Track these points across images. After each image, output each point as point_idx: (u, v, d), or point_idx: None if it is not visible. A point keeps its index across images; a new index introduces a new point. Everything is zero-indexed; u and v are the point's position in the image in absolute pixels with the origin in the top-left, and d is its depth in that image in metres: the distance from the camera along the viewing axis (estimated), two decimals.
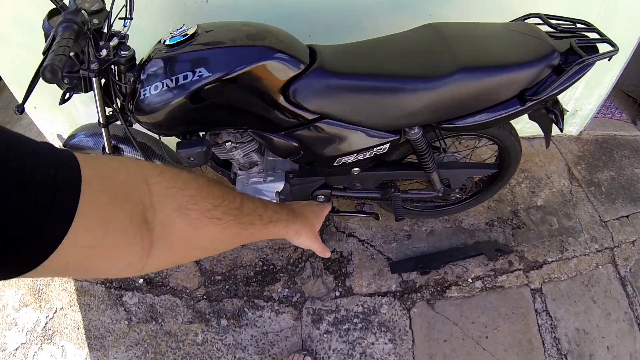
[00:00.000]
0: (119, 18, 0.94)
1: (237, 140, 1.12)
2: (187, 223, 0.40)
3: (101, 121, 1.02)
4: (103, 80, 0.96)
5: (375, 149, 1.12)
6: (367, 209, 1.37)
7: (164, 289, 1.51)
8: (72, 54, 0.88)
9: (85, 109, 1.71)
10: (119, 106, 1.02)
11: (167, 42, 0.93)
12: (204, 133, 1.08)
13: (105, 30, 0.90)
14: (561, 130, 1.21)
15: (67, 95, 0.98)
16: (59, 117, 1.79)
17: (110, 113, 1.04)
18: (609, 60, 1.08)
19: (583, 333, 1.62)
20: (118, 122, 1.05)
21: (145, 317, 1.51)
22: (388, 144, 1.11)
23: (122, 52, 0.91)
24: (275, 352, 1.32)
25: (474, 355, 1.40)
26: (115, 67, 0.96)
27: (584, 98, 2.26)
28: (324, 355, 1.31)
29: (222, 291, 1.46)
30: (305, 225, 0.60)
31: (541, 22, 1.18)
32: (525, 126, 2.08)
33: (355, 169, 1.20)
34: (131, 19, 0.95)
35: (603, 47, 1.08)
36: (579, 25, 1.16)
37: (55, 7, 0.88)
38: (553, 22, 1.18)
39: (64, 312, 1.54)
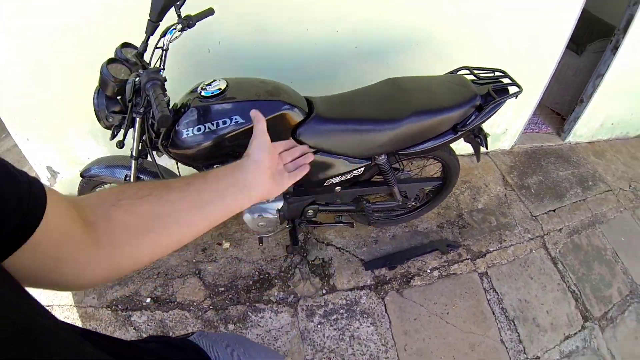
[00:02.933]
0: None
1: None
2: (123, 212, 0.47)
3: (134, 154, 1.30)
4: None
5: (354, 172, 1.59)
6: (343, 220, 1.89)
7: (171, 304, 1.76)
8: (119, 97, 1.19)
9: (83, 142, 1.89)
10: (149, 141, 1.29)
11: (204, 94, 1.23)
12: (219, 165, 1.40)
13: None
14: (486, 148, 1.74)
15: (117, 132, 1.25)
16: (51, 150, 1.93)
17: (141, 147, 1.29)
18: (515, 98, 1.62)
19: (525, 302, 2.14)
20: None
21: (156, 332, 1.73)
22: (363, 168, 1.59)
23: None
24: (279, 345, 1.71)
25: (439, 327, 1.87)
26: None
27: (513, 119, 2.89)
28: (320, 342, 1.71)
29: (226, 300, 1.78)
30: (257, 174, 0.59)
31: (468, 72, 1.74)
32: (468, 146, 2.75)
33: (337, 188, 1.64)
34: (164, 69, 1.21)
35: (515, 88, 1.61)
36: (497, 73, 1.70)
37: (113, 57, 1.17)
38: (477, 72, 1.71)
39: None
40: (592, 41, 3.63)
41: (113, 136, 1.27)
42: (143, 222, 0.48)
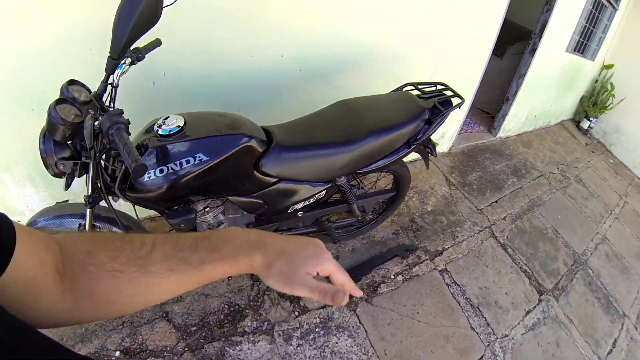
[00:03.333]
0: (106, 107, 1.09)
1: (211, 206, 1.48)
2: (88, 278, 0.43)
3: (89, 201, 1.18)
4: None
5: (316, 196, 1.64)
6: None
7: (144, 354, 1.68)
8: (69, 142, 1.07)
9: (20, 190, 1.71)
10: (104, 186, 1.17)
11: (161, 133, 1.16)
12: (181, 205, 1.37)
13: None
14: (435, 156, 1.91)
15: (70, 180, 1.16)
16: None
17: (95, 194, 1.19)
18: (459, 108, 1.79)
19: (485, 289, 2.32)
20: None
21: None
22: (325, 191, 1.65)
23: None
24: None
25: (413, 327, 1.98)
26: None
27: (449, 123, 3.17)
28: None
29: (200, 339, 1.73)
30: (277, 265, 0.49)
31: (413, 88, 1.89)
32: (412, 154, 2.91)
33: (299, 212, 1.70)
34: (114, 107, 1.12)
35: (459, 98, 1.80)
36: (439, 87, 1.86)
37: (63, 97, 1.04)
38: (421, 87, 1.86)
39: None
40: (512, 44, 4.14)
41: (68, 186, 1.19)
42: (107, 293, 0.45)
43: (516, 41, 4.10)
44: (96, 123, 1.07)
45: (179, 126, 1.18)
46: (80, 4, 1.37)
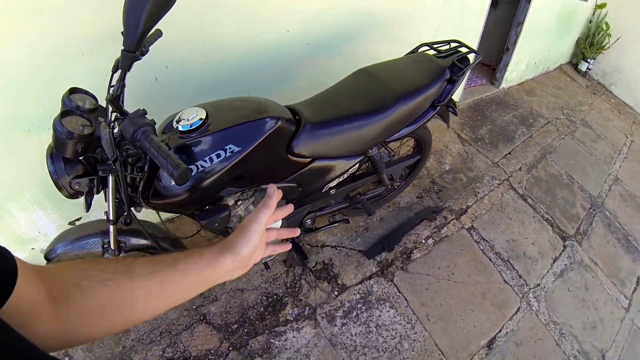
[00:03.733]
0: (112, 112, 0.98)
1: (242, 198, 1.36)
2: (81, 294, 0.46)
3: (111, 218, 1.09)
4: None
5: (350, 170, 1.58)
6: (338, 218, 1.93)
7: None
8: (81, 157, 0.95)
9: (29, 215, 1.59)
10: (126, 200, 1.08)
11: (182, 129, 1.06)
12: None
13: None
14: (456, 114, 1.85)
15: (90, 199, 1.05)
16: None
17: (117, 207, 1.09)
18: (477, 64, 1.72)
19: (512, 242, 2.34)
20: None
21: None
22: (357, 164, 1.59)
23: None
24: None
25: (450, 288, 1.99)
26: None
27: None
28: (351, 342, 1.76)
29: (243, 336, 1.70)
30: (232, 269, 0.57)
31: (428, 48, 1.81)
32: None
33: (332, 190, 1.64)
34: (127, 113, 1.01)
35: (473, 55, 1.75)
36: (452, 44, 1.78)
37: (67, 109, 0.93)
38: (436, 46, 1.78)
39: None
40: None
41: (89, 206, 1.08)
42: (99, 306, 0.48)
43: None
44: (115, 130, 0.96)
45: (201, 119, 1.08)
46: (64, 13, 1.23)
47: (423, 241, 2.17)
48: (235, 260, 0.56)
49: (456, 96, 3.31)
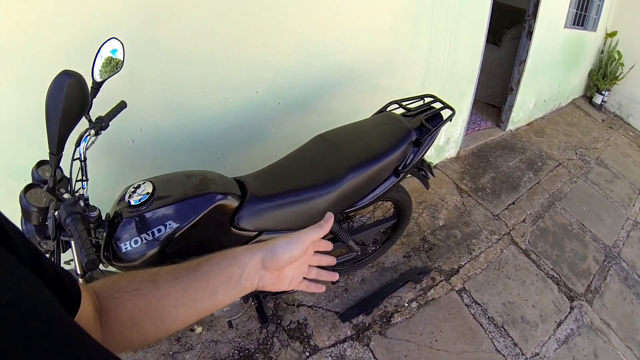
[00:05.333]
0: (77, 180, 1.10)
1: None
2: (115, 305, 0.51)
3: (79, 272, 1.21)
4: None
5: None
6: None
7: None
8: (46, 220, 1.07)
9: None
10: (80, 268, 1.19)
11: (132, 203, 1.17)
12: None
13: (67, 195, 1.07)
14: (432, 176, 1.80)
15: (57, 257, 1.15)
16: None
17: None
18: (450, 121, 1.67)
19: (509, 304, 2.22)
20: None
21: None
22: None
23: (91, 213, 1.09)
24: None
25: (432, 357, 1.91)
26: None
27: (452, 127, 3.05)
28: None
29: None
30: (258, 270, 0.58)
31: (397, 106, 1.77)
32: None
33: None
34: (87, 180, 1.13)
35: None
36: (426, 99, 1.73)
37: (31, 182, 1.05)
38: (405, 103, 1.73)
39: None
40: (508, 29, 4.02)
41: (57, 260, 1.16)
42: (130, 316, 0.51)
43: (512, 25, 3.97)
44: (56, 214, 1.07)
45: (148, 193, 1.19)
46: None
47: (406, 304, 2.13)
48: (267, 259, 0.57)
49: (456, 144, 3.26)
